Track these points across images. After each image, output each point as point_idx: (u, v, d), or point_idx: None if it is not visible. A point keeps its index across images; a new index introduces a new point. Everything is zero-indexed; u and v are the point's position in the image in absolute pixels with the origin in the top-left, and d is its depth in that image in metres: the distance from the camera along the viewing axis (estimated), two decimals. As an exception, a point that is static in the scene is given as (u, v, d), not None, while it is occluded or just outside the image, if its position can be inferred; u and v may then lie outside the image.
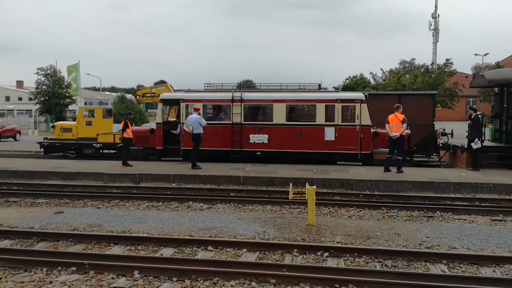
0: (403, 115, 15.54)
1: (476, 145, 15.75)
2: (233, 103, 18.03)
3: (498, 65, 53.56)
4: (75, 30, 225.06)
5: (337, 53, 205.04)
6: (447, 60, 44.69)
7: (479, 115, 16.46)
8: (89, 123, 22.44)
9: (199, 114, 16.63)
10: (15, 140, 35.92)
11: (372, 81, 51.32)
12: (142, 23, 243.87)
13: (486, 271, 6.98)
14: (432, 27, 56.34)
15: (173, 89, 22.58)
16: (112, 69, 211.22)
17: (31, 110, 65.41)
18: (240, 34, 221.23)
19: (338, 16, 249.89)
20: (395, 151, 15.52)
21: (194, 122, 16.30)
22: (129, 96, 54.69)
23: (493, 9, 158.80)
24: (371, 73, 53.61)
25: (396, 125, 15.44)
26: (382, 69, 51.53)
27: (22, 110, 74.69)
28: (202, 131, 16.39)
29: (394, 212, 10.81)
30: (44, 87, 49.70)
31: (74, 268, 6.97)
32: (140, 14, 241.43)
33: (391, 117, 15.63)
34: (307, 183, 10.83)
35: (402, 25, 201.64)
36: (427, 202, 11.97)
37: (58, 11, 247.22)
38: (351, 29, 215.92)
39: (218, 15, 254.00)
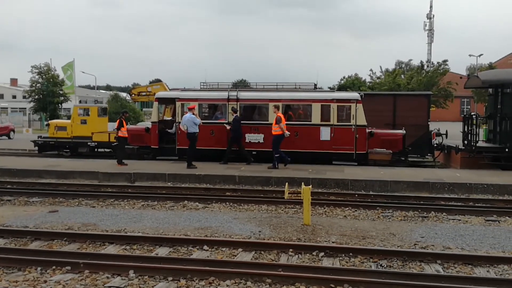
0: None
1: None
2: (229, 102, 17.99)
3: (490, 66, 53.86)
4: (66, 28, 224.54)
5: (331, 52, 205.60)
6: (443, 61, 44.87)
7: (238, 116, 17.14)
8: (84, 122, 22.37)
9: (194, 113, 16.61)
10: (9, 138, 35.76)
11: (369, 79, 51.34)
12: (133, 21, 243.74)
13: (480, 271, 7.01)
14: (427, 27, 56.60)
15: (168, 88, 22.55)
16: (107, 67, 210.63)
17: (25, 108, 65.13)
18: (233, 33, 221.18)
19: (330, 15, 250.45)
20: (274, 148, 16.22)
21: (187, 121, 16.29)
22: (123, 94, 54.54)
23: (489, 9, 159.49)
24: (371, 69, 53.50)
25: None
26: (381, 67, 51.38)
27: (16, 108, 74.37)
28: (197, 130, 16.39)
29: (389, 212, 10.84)
30: (38, 85, 49.49)
31: (69, 268, 6.94)
32: (130, 13, 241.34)
33: (282, 116, 16.27)
34: (302, 183, 10.83)
35: (395, 25, 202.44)
36: (422, 202, 12.00)
37: (45, 8, 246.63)
38: (343, 29, 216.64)
39: (209, 13, 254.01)
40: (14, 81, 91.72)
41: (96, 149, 21.91)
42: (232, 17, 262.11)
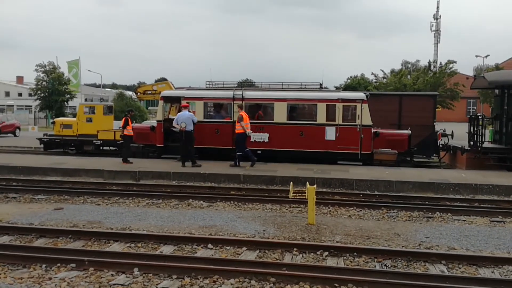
0: None
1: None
2: (234, 101, 18.00)
3: (497, 67, 53.59)
4: (71, 26, 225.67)
5: (336, 52, 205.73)
6: (449, 61, 44.58)
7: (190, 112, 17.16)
8: (89, 120, 22.47)
9: (189, 110, 16.55)
10: (15, 135, 35.94)
11: (374, 80, 51.06)
12: (136, 19, 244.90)
13: (485, 272, 6.98)
14: (433, 28, 56.33)
15: (174, 86, 22.61)
16: (112, 66, 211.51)
17: (31, 106, 65.46)
18: (236, 32, 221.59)
19: (334, 15, 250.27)
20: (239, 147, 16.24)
21: (187, 119, 16.15)
22: (129, 93, 54.67)
23: (495, 10, 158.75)
24: (372, 73, 53.34)
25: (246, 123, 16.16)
26: (382, 70, 50.93)
27: (22, 106, 74.79)
28: (193, 128, 16.34)
29: (394, 212, 10.82)
30: (44, 83, 49.65)
31: (74, 265, 6.97)
32: (133, 12, 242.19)
33: (245, 115, 16.27)
34: (307, 182, 10.82)
35: (400, 25, 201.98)
36: (427, 202, 11.96)
37: (50, 6, 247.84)
38: (348, 28, 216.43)
39: (213, 12, 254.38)
40: (20, 79, 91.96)
41: (101, 147, 22.01)
42: (233, 16, 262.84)
